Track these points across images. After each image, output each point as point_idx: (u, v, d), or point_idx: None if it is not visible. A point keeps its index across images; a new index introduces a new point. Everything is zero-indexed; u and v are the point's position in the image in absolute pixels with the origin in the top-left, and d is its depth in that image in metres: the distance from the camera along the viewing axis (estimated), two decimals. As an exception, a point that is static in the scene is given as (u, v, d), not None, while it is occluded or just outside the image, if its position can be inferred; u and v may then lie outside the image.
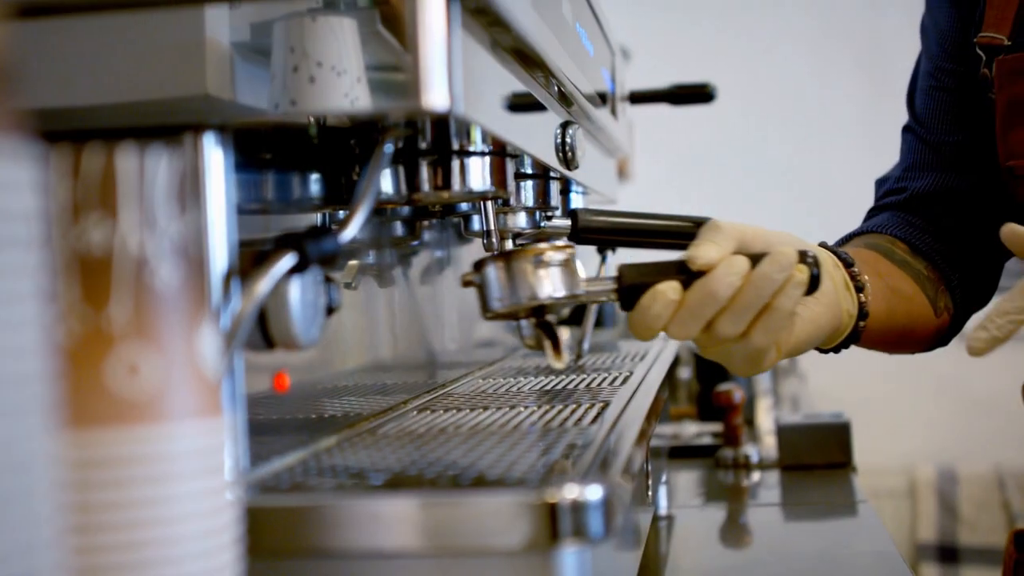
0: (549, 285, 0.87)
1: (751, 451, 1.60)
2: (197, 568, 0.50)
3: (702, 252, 0.86)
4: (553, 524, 0.63)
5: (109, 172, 0.48)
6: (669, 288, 0.86)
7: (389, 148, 0.79)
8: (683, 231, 0.95)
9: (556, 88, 1.00)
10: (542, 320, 0.90)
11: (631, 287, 0.88)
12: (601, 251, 1.46)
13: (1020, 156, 1.16)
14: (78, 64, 0.69)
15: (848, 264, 1.04)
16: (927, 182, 1.29)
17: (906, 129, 1.35)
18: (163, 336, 0.49)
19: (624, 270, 0.89)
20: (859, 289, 1.04)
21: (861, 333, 1.05)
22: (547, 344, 0.89)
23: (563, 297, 0.88)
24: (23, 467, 0.37)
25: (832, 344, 1.06)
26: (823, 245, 1.06)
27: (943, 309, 1.25)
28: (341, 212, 0.92)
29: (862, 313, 1.04)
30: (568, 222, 0.98)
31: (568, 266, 0.89)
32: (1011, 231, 0.98)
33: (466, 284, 0.89)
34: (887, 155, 1.47)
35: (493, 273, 0.87)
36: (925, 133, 1.31)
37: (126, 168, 0.49)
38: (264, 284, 0.67)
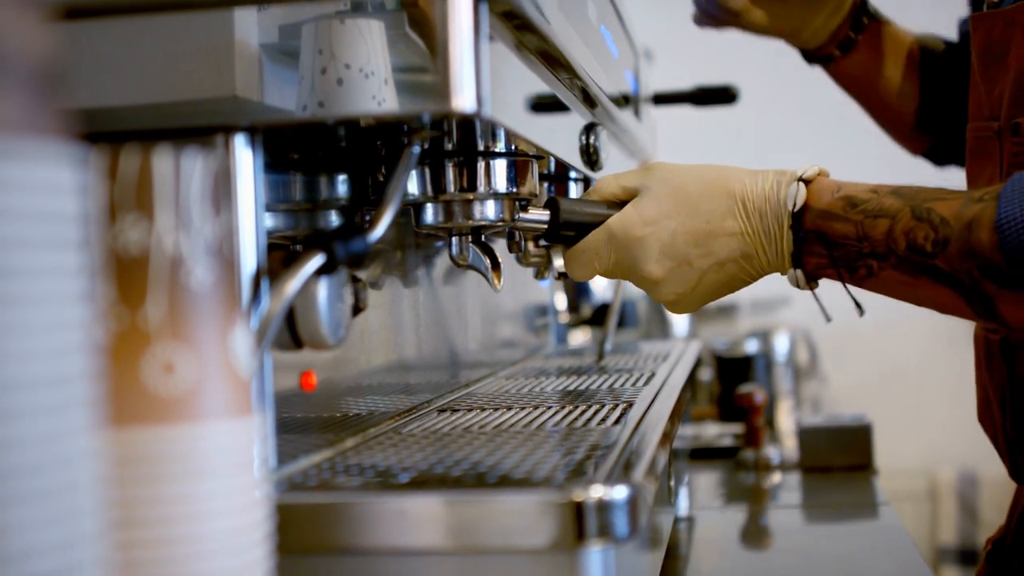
0: (484, 208, 0.91)
1: (772, 453, 1.60)
2: (229, 563, 0.51)
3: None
4: (579, 523, 0.63)
5: (146, 173, 0.49)
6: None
7: (416, 149, 0.80)
8: None
9: (581, 90, 1.01)
10: (480, 240, 0.94)
11: (564, 224, 0.93)
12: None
13: (973, 117, 1.12)
14: (110, 66, 0.69)
15: None
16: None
17: None
18: (198, 335, 0.50)
19: (560, 204, 0.93)
20: None
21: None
22: (487, 263, 0.94)
23: (495, 220, 0.91)
24: (67, 464, 0.38)
25: None
26: None
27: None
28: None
29: None
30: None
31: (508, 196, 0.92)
32: None
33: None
34: (909, 157, 1.48)
35: None
36: None
37: (162, 169, 0.49)
38: (293, 284, 0.68)
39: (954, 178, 1.14)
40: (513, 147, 0.91)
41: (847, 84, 1.39)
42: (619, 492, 0.64)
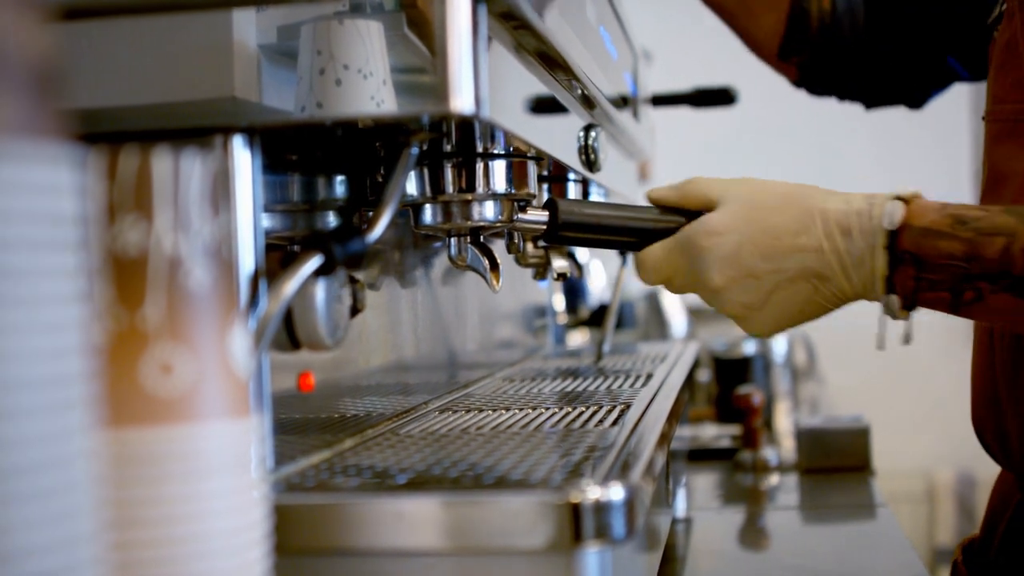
0: (483, 209, 0.91)
1: (770, 454, 1.60)
2: (227, 564, 0.51)
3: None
4: (576, 524, 0.63)
5: (144, 174, 0.49)
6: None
7: (415, 150, 0.80)
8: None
9: (579, 91, 1.01)
10: (478, 241, 0.94)
11: (563, 224, 0.92)
12: (623, 252, 1.46)
13: (1001, 100, 1.07)
14: (109, 66, 0.69)
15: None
16: None
17: None
18: (196, 336, 0.50)
19: (559, 205, 0.92)
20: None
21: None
22: (485, 264, 0.94)
23: (495, 221, 0.91)
24: (65, 463, 0.38)
25: None
26: None
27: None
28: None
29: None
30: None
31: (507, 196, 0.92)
32: None
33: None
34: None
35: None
36: None
37: (161, 170, 0.49)
38: (291, 285, 0.68)
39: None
40: (511, 148, 0.91)
41: (714, 9, 1.40)
42: (616, 493, 0.64)
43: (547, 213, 0.93)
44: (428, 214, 0.91)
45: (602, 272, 2.36)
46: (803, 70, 1.39)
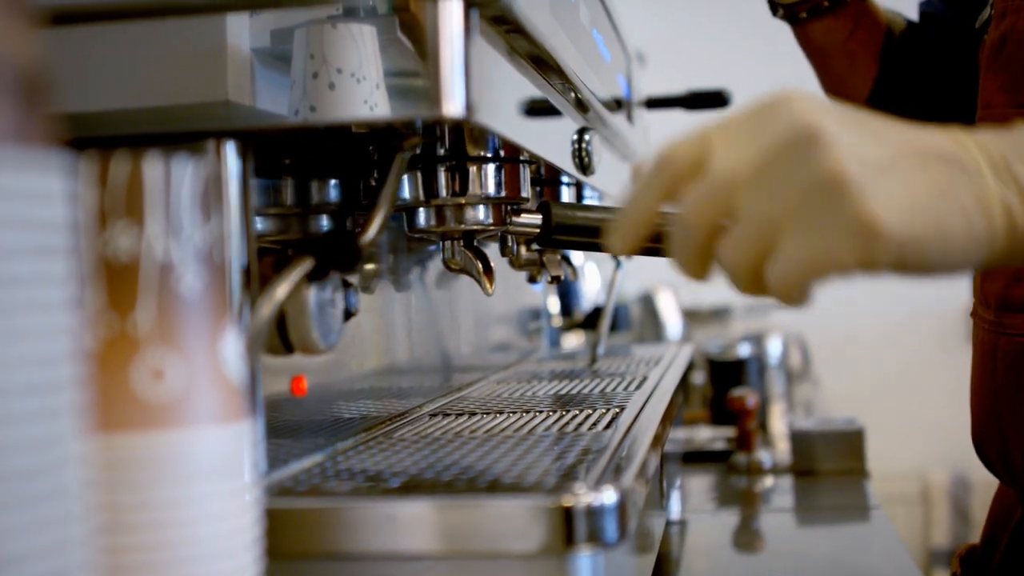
0: (476, 213, 0.90)
1: (764, 456, 1.60)
2: (219, 568, 0.51)
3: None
4: (568, 528, 0.63)
5: (136, 180, 0.49)
6: None
7: (408, 154, 0.80)
8: None
9: (573, 95, 1.01)
10: (471, 245, 0.93)
11: (556, 227, 0.91)
12: (615, 257, 1.46)
13: (989, 105, 1.02)
14: (101, 70, 0.70)
15: None
16: None
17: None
18: (187, 341, 0.50)
19: (552, 208, 0.91)
20: None
21: None
22: (479, 267, 0.93)
23: (488, 224, 0.91)
24: (56, 469, 0.38)
25: None
26: None
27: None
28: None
29: None
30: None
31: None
32: None
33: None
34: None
35: None
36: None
37: (152, 176, 0.49)
38: (283, 289, 0.68)
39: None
40: (504, 152, 0.91)
41: (808, 49, 1.35)
42: (608, 496, 0.64)
43: (540, 216, 0.93)
44: (421, 217, 0.91)
45: (597, 275, 2.37)
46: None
